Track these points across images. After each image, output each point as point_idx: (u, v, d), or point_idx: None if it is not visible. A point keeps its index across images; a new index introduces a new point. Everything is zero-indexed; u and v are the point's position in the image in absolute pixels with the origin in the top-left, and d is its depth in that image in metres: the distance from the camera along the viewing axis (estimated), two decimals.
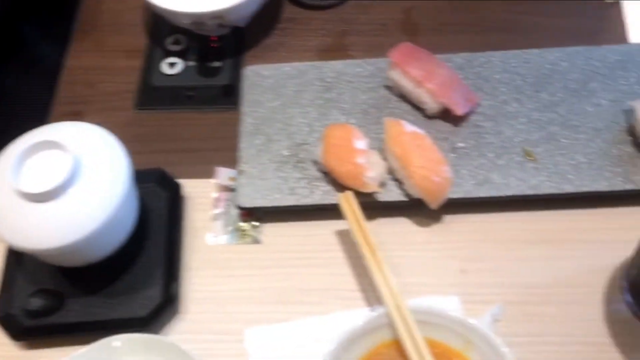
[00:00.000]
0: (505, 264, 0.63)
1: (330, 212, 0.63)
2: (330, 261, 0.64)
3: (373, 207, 0.65)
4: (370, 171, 0.61)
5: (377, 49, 0.75)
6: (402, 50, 0.68)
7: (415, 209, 0.64)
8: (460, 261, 0.63)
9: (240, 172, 0.66)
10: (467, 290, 0.61)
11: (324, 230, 0.65)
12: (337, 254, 0.64)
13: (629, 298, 0.59)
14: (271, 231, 0.66)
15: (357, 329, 0.54)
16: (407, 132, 0.62)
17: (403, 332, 0.53)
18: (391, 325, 0.54)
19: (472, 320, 0.54)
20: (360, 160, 0.61)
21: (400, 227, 0.66)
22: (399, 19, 0.81)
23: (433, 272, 0.63)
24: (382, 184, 0.64)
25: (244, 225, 0.66)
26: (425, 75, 0.66)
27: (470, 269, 0.63)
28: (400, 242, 0.65)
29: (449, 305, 0.60)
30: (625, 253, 0.60)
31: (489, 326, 0.59)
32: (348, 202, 0.59)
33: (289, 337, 0.60)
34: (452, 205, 0.65)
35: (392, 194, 0.64)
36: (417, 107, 0.69)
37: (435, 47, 0.75)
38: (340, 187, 0.64)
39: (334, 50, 0.79)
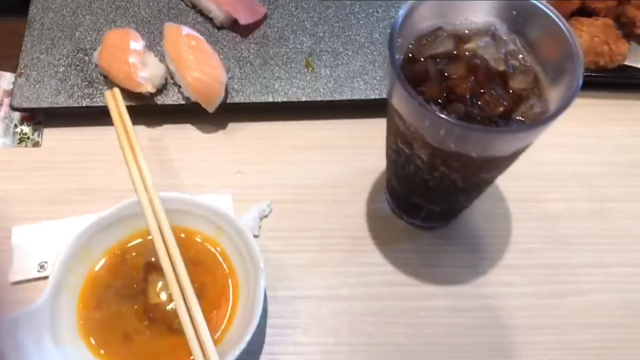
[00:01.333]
0: (280, 167, 0.65)
1: None
2: (109, 164, 0.64)
3: (156, 111, 0.66)
4: (144, 71, 0.62)
5: None
6: None
7: (200, 115, 0.66)
8: (238, 164, 0.65)
9: (20, 75, 0.65)
10: (241, 191, 0.64)
11: (106, 136, 0.65)
12: (119, 157, 0.65)
13: (387, 196, 0.63)
14: (53, 135, 0.66)
15: (107, 216, 0.55)
16: (184, 35, 0.63)
17: (151, 219, 0.54)
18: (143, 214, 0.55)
19: (221, 208, 0.56)
20: (133, 59, 0.62)
21: (186, 133, 0.67)
22: None
23: (211, 174, 0.65)
24: (162, 87, 0.65)
25: (25, 128, 0.66)
26: None
27: (246, 171, 0.65)
28: (184, 146, 0.66)
29: (222, 202, 0.62)
30: None
31: (256, 220, 0.61)
32: (114, 99, 0.59)
33: (57, 233, 0.60)
34: (234, 111, 0.67)
35: (172, 98, 0.65)
36: (208, 17, 0.70)
37: None
38: (119, 89, 0.64)
39: None
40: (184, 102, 0.65)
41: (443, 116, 0.42)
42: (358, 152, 0.66)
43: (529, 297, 0.59)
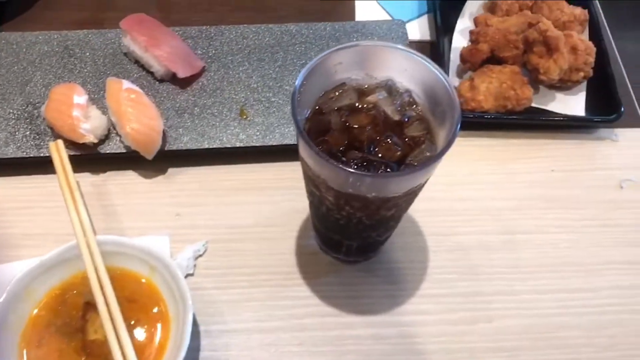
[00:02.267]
0: (216, 208, 0.70)
1: None
2: (55, 210, 0.68)
3: (100, 159, 0.71)
4: (86, 124, 0.67)
5: None
6: (133, 19, 0.75)
7: (141, 162, 0.71)
8: (177, 207, 0.70)
9: None
10: (178, 232, 0.68)
11: (52, 183, 0.69)
12: (63, 203, 0.69)
13: (314, 233, 0.68)
14: (3, 184, 0.71)
15: (48, 259, 0.59)
16: (124, 89, 0.69)
17: (87, 261, 0.59)
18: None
19: (154, 249, 0.60)
20: (76, 113, 0.67)
21: (128, 179, 0.72)
22: None
23: (152, 216, 0.69)
24: (104, 137, 0.70)
25: None
26: (151, 41, 0.73)
27: (184, 213, 0.70)
28: (126, 191, 0.71)
29: (160, 243, 0.67)
30: None
31: (190, 259, 0.66)
32: (57, 150, 0.64)
33: (4, 277, 0.64)
34: (173, 157, 0.72)
35: (114, 147, 0.70)
36: (149, 71, 0.76)
37: (185, 22, 0.83)
38: (64, 141, 0.69)
39: (90, 23, 0.84)
40: (125, 151, 0.70)
41: (336, 164, 0.47)
42: (288, 193, 0.71)
43: (443, 324, 0.63)
